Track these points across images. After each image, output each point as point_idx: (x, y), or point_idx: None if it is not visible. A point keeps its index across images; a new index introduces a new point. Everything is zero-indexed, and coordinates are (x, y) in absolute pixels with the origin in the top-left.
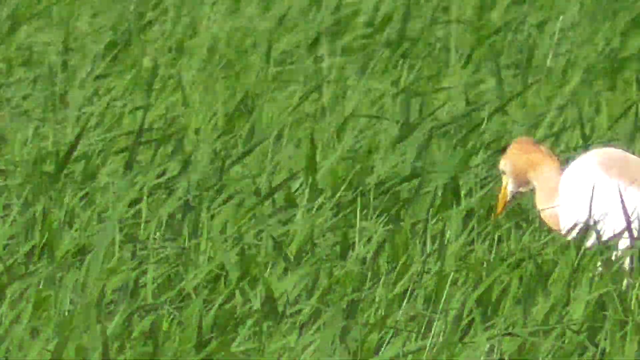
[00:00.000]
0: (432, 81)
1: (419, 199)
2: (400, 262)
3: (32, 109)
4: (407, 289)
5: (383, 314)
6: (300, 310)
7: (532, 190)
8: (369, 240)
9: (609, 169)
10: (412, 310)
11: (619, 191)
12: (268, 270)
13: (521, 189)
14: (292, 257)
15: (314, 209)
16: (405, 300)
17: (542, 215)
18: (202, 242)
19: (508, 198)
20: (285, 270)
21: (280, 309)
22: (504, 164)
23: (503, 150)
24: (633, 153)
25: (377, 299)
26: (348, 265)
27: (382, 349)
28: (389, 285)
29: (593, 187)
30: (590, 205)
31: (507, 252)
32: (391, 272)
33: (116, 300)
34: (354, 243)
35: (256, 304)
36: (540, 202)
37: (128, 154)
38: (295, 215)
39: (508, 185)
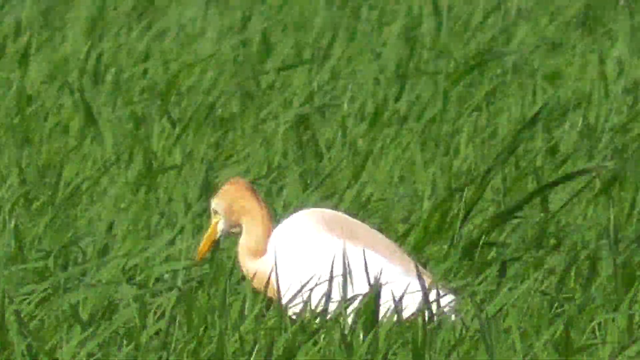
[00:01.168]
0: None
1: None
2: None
3: None
4: None
5: None
6: None
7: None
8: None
9: (331, 229)
10: None
11: (346, 251)
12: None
13: (233, 230)
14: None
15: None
16: None
17: (244, 268)
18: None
19: (217, 237)
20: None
21: None
22: (217, 203)
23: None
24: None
25: None
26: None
27: None
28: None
29: (316, 248)
30: (317, 268)
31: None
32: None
33: None
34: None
35: None
36: (243, 254)
37: None
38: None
39: (219, 224)
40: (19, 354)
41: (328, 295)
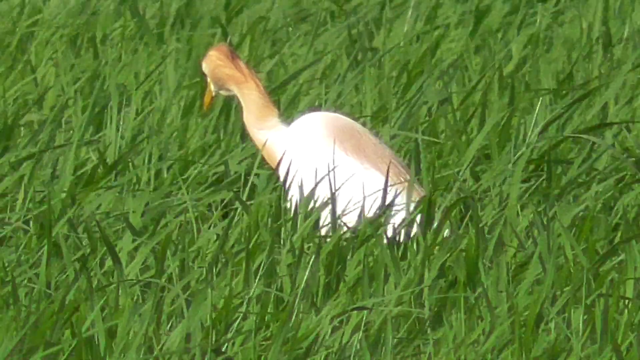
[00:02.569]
0: None
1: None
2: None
3: None
4: (261, 264)
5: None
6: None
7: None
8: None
9: (342, 143)
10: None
11: (355, 171)
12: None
13: (223, 93)
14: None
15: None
16: (258, 277)
17: (252, 137)
18: None
19: (213, 95)
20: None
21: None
22: (204, 68)
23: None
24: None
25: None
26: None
27: (234, 325)
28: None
29: (325, 162)
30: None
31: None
32: (240, 253)
33: None
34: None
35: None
36: (250, 124)
37: None
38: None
39: (211, 84)
40: (70, 264)
41: (383, 206)
